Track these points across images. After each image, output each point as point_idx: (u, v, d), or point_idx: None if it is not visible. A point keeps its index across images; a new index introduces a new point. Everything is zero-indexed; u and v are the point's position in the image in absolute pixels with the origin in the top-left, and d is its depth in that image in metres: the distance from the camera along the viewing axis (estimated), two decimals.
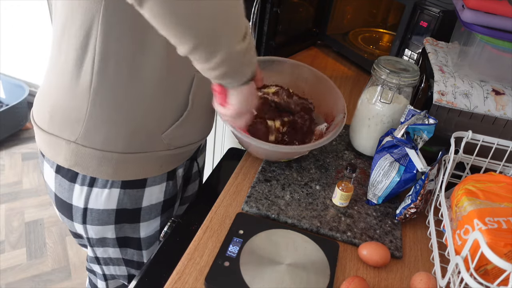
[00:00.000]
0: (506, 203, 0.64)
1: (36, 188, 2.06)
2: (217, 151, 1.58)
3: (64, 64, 0.66)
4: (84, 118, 0.68)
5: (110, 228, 0.80)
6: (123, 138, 0.70)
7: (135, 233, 0.84)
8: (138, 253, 0.89)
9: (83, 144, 0.70)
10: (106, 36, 0.61)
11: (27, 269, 1.67)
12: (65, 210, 0.79)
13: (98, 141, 0.69)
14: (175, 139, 0.76)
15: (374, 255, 0.68)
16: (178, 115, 0.74)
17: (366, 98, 0.89)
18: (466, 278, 0.54)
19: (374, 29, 1.54)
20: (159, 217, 0.85)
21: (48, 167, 0.77)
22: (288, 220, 0.74)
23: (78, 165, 0.72)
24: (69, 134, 0.70)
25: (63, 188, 0.76)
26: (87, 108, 0.67)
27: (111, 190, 0.75)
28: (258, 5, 1.15)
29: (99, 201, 0.76)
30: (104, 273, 0.95)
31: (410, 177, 0.76)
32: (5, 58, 2.60)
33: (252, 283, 0.61)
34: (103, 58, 0.63)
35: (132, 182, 0.76)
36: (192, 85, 0.72)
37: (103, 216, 0.77)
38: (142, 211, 0.80)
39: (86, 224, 0.79)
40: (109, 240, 0.83)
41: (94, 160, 0.71)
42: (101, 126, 0.68)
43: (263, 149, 0.78)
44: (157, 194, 0.81)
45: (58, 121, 0.70)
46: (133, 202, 0.78)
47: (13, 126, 2.36)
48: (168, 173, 0.81)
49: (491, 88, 0.83)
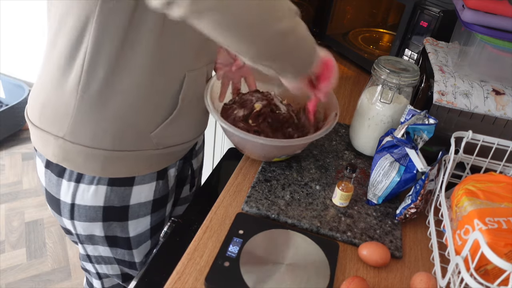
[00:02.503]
0: (506, 203, 0.64)
1: (36, 188, 2.06)
2: (217, 151, 1.58)
3: (56, 60, 0.67)
4: (71, 114, 0.68)
5: (98, 225, 0.80)
6: (110, 135, 0.70)
7: (124, 232, 0.84)
8: (128, 252, 0.89)
9: (70, 140, 0.70)
10: (99, 36, 0.62)
11: (27, 269, 1.67)
12: (54, 205, 0.80)
13: (85, 137, 0.70)
14: (164, 138, 0.76)
15: (374, 255, 0.68)
16: (167, 114, 0.74)
17: (366, 98, 0.89)
18: (466, 278, 0.54)
19: (374, 29, 1.54)
20: (149, 216, 0.84)
21: (40, 162, 0.78)
22: (288, 220, 0.74)
23: (66, 161, 0.73)
24: (57, 129, 0.70)
25: (52, 183, 0.77)
26: (75, 104, 0.67)
27: (98, 187, 0.75)
28: None
29: (86, 197, 0.76)
30: (97, 272, 0.95)
31: (410, 177, 0.76)
32: (5, 58, 2.60)
33: (252, 283, 0.61)
34: (94, 57, 0.63)
35: (119, 180, 0.76)
36: (183, 85, 0.73)
37: (90, 212, 0.78)
38: (130, 209, 0.80)
39: (74, 220, 0.80)
40: (97, 238, 0.83)
41: (81, 156, 0.71)
42: (88, 123, 0.69)
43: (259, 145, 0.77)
44: (146, 193, 0.81)
45: (48, 117, 0.71)
46: (121, 199, 0.78)
47: (13, 126, 2.36)
48: (158, 172, 0.81)
49: (491, 88, 0.83)
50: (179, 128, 0.78)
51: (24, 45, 2.50)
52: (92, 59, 0.64)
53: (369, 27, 1.54)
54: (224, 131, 0.83)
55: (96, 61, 0.64)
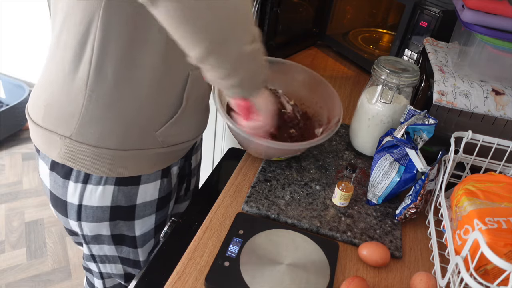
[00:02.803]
0: (506, 203, 0.64)
1: (36, 188, 2.06)
2: (217, 151, 1.58)
3: (62, 59, 0.66)
4: (79, 113, 0.68)
5: (105, 225, 0.80)
6: (117, 135, 0.70)
7: (130, 231, 0.84)
8: (133, 251, 0.89)
9: (77, 140, 0.70)
10: (105, 34, 0.61)
11: (27, 269, 1.67)
12: (59, 207, 0.80)
13: (93, 137, 0.69)
14: (169, 137, 0.76)
15: (374, 255, 0.68)
16: (172, 113, 0.74)
17: (366, 98, 0.89)
18: (466, 278, 0.54)
19: (374, 29, 1.54)
20: (154, 215, 0.85)
21: (43, 164, 0.77)
22: (288, 220, 0.74)
23: (72, 161, 0.72)
24: (64, 129, 0.70)
25: (57, 185, 0.76)
26: (83, 104, 0.67)
27: (105, 187, 0.75)
28: (258, 5, 1.15)
29: (94, 198, 0.76)
30: (100, 271, 0.95)
31: (410, 177, 0.76)
32: (5, 58, 2.60)
33: (252, 283, 0.61)
34: (101, 56, 0.63)
35: (126, 179, 0.76)
36: (187, 84, 0.73)
37: (97, 213, 0.78)
38: (137, 208, 0.80)
39: (81, 221, 0.79)
40: (104, 237, 0.83)
41: (89, 156, 0.71)
42: (96, 123, 0.68)
43: (264, 147, 0.77)
44: (151, 192, 0.81)
45: (53, 116, 0.70)
46: (128, 199, 0.78)
47: (13, 126, 2.36)
48: (162, 170, 0.81)
49: (491, 88, 0.83)
50: (183, 126, 0.78)
51: (24, 45, 2.50)
52: (100, 57, 0.63)
53: (369, 27, 1.54)
54: (230, 130, 0.83)
55: (104, 60, 0.64)
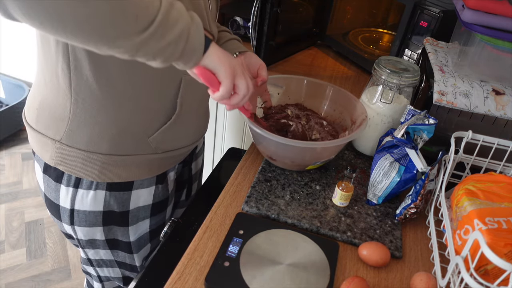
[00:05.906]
0: (506, 203, 0.64)
1: (36, 188, 2.06)
2: (217, 151, 1.58)
3: (47, 61, 0.65)
4: (68, 117, 0.67)
5: (99, 229, 0.80)
6: (107, 139, 0.69)
7: (125, 236, 0.83)
8: (129, 256, 0.88)
9: (67, 144, 0.69)
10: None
11: (27, 269, 1.67)
12: (53, 211, 0.79)
13: (82, 141, 0.69)
14: (163, 143, 0.75)
15: (374, 255, 0.68)
16: (166, 119, 0.73)
17: (366, 98, 0.89)
18: (466, 278, 0.54)
19: (374, 29, 1.54)
20: (148, 220, 0.84)
21: (38, 166, 0.77)
22: (288, 220, 0.74)
23: (63, 164, 0.72)
24: (54, 133, 0.69)
25: (50, 188, 0.76)
26: (70, 108, 0.66)
27: (97, 192, 0.74)
28: (258, 5, 1.15)
29: (85, 202, 0.75)
30: (98, 275, 0.94)
31: (410, 177, 0.76)
32: (5, 58, 2.60)
33: (252, 283, 0.61)
34: (77, 61, 0.62)
35: (118, 184, 0.75)
36: (180, 89, 0.71)
37: (90, 217, 0.77)
38: (130, 213, 0.80)
39: (74, 225, 0.79)
40: (99, 242, 0.83)
41: (79, 160, 0.70)
42: (85, 127, 0.68)
43: (299, 149, 0.77)
44: (145, 197, 0.80)
45: (45, 119, 0.70)
46: (120, 204, 0.77)
47: (13, 126, 2.36)
48: (157, 176, 0.80)
49: (491, 88, 0.83)
50: (178, 132, 0.77)
51: (24, 45, 2.50)
52: (76, 62, 0.61)
53: (369, 27, 1.54)
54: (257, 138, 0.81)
55: (82, 65, 0.62)
